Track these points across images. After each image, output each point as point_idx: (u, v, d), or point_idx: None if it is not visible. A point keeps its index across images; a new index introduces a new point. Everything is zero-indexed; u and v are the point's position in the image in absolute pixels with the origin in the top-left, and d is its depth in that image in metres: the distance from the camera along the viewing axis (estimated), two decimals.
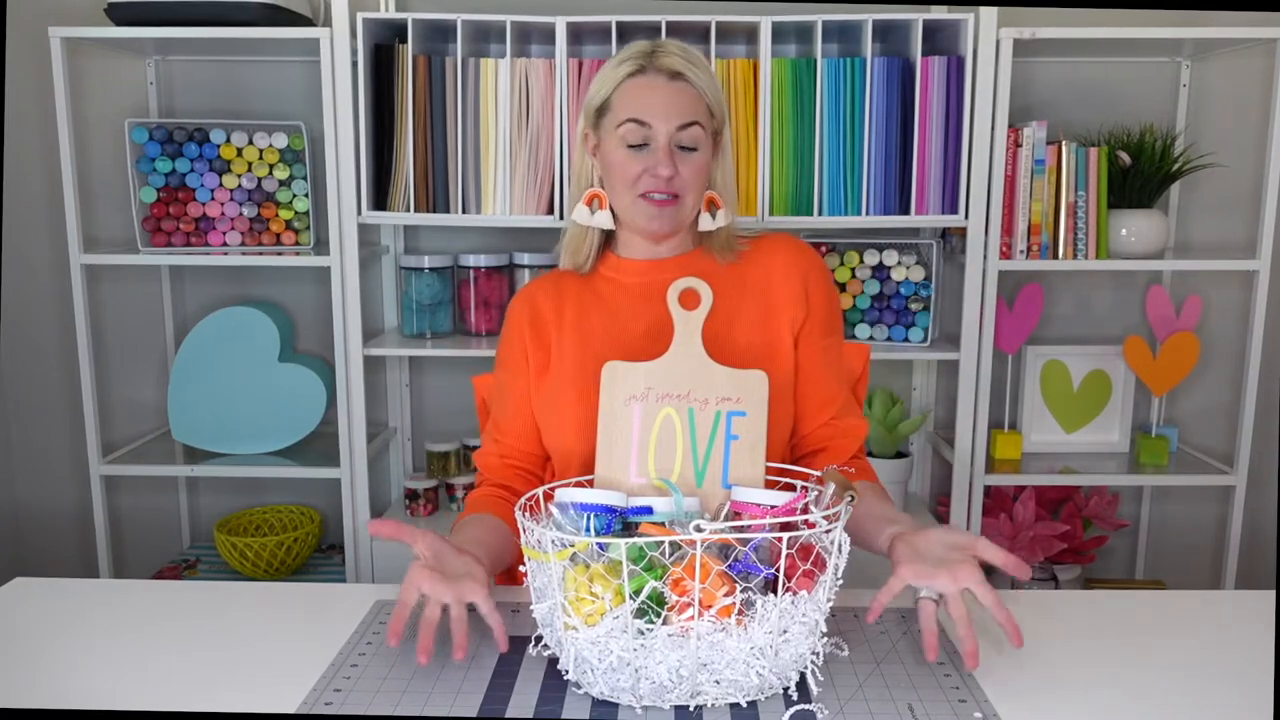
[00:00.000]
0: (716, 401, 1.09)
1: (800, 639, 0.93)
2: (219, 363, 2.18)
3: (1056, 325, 2.35)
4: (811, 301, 1.30)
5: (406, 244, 2.37)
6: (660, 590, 0.91)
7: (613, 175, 1.28)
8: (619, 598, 0.91)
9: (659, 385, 1.10)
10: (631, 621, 0.90)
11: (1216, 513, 2.39)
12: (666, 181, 1.24)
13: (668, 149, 1.24)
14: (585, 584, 0.92)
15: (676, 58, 1.25)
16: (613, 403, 1.11)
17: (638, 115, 1.24)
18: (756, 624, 0.91)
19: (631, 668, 0.91)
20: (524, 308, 1.35)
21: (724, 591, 0.91)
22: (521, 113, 2.00)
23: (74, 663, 1.05)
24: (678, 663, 0.90)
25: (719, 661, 0.91)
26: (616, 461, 1.10)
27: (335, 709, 0.95)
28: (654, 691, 0.92)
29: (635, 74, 1.25)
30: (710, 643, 0.90)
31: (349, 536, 2.13)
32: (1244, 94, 2.25)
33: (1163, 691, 0.99)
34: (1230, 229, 2.30)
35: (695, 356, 1.11)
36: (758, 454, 1.08)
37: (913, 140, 1.98)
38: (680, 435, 1.08)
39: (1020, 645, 0.99)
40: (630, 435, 1.10)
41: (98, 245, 2.27)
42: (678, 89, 1.24)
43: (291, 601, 1.23)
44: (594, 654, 0.92)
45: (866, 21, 1.94)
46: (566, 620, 0.93)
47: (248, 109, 2.30)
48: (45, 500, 2.48)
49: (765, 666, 0.92)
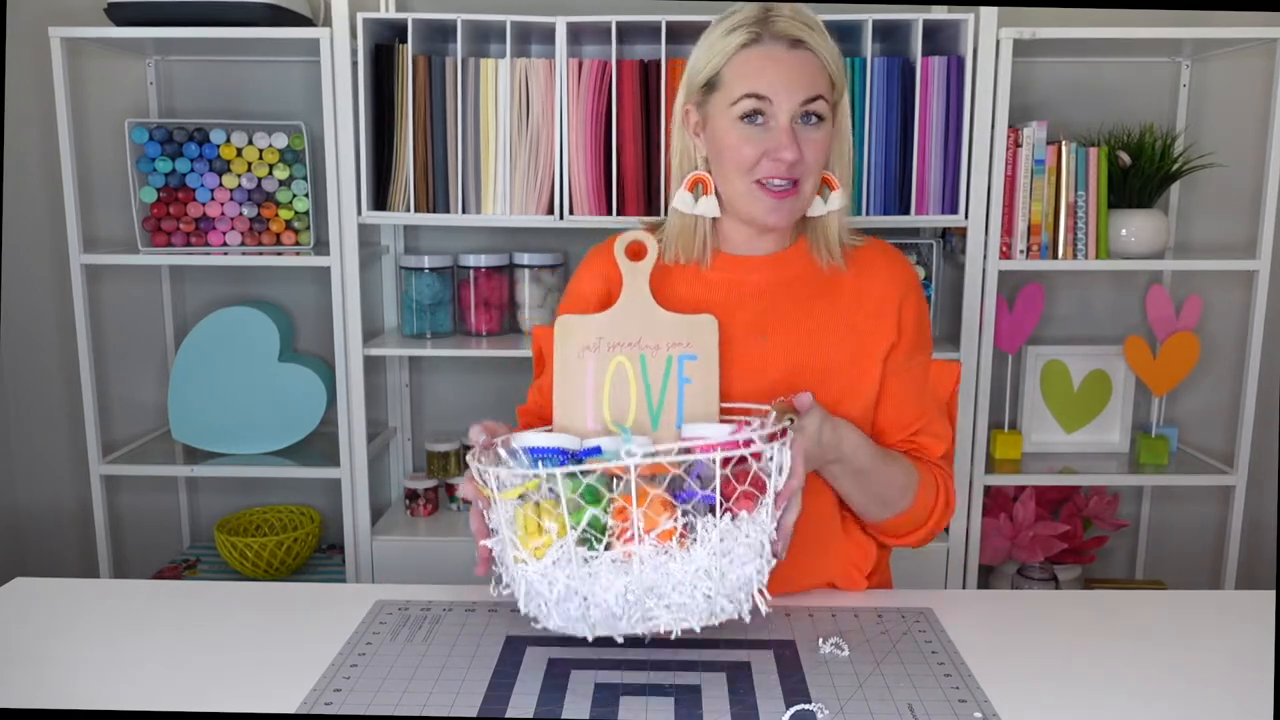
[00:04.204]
0: (667, 347, 1.10)
1: (746, 560, 0.95)
2: (219, 363, 2.18)
3: (1056, 325, 2.35)
4: (904, 324, 1.22)
5: (406, 244, 2.37)
6: (603, 519, 0.94)
7: (724, 159, 1.15)
8: (564, 530, 0.93)
9: (610, 335, 1.12)
10: (575, 550, 0.93)
11: (1216, 513, 2.39)
12: (789, 167, 1.12)
13: (790, 129, 1.12)
14: (534, 519, 0.95)
15: (794, 22, 1.12)
16: (566, 355, 1.12)
17: (757, 89, 1.11)
18: (699, 546, 0.93)
19: (580, 596, 0.93)
20: (609, 263, 1.21)
21: (665, 517, 0.93)
22: (521, 113, 2.00)
23: (74, 663, 1.05)
24: (624, 588, 0.93)
25: (665, 585, 0.93)
26: (574, 412, 1.11)
27: (335, 709, 0.95)
28: (605, 619, 0.95)
29: (750, 44, 1.12)
30: (654, 565, 0.92)
31: (349, 536, 2.13)
32: (1244, 94, 2.25)
33: (1162, 691, 0.99)
34: (1230, 229, 2.30)
35: (643, 305, 1.12)
36: (710, 396, 1.10)
37: (913, 140, 1.98)
38: (634, 382, 1.10)
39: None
40: (585, 385, 1.11)
41: (98, 245, 2.27)
42: (800, 58, 1.12)
43: (291, 601, 1.23)
44: (544, 585, 0.94)
45: (866, 22, 1.94)
46: (516, 554, 0.95)
47: (248, 109, 2.30)
48: (45, 500, 2.48)
49: (712, 588, 0.94)
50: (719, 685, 0.99)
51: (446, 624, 1.13)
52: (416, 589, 1.23)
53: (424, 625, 1.13)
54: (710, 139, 1.18)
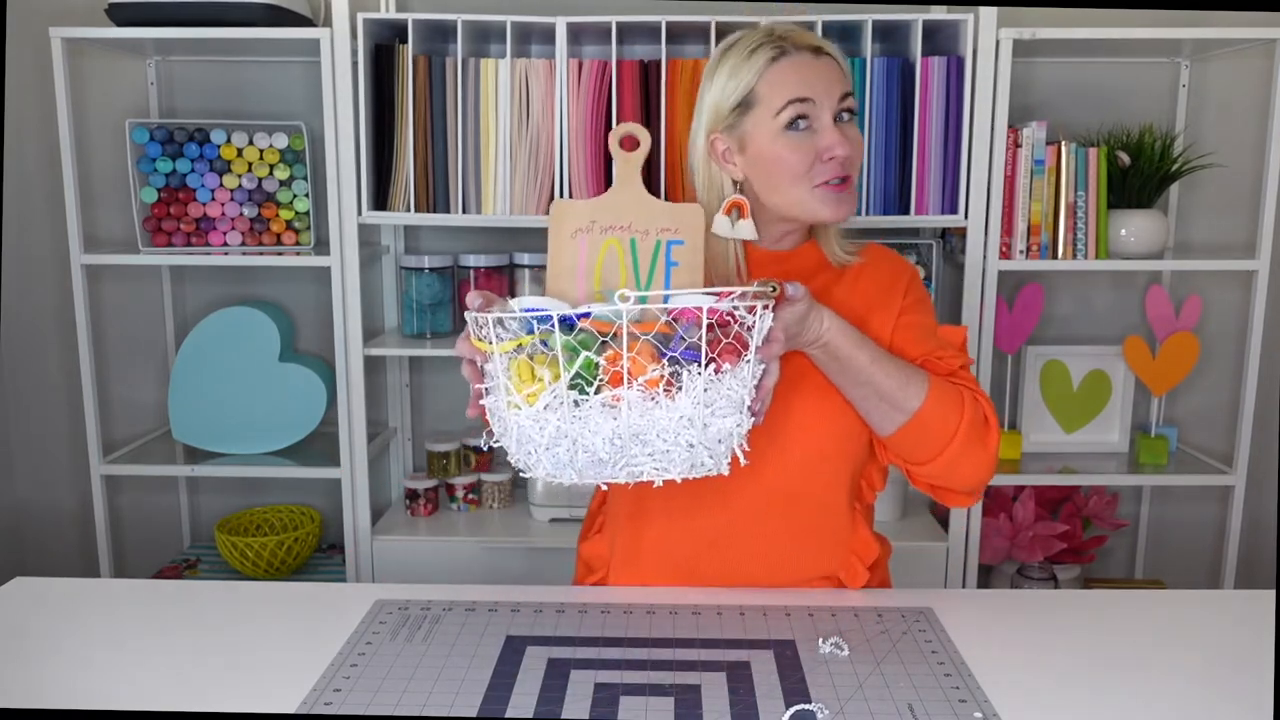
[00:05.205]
0: (657, 231, 1.14)
1: (726, 413, 1.00)
2: (219, 363, 2.18)
3: (1056, 325, 2.35)
4: (907, 300, 1.26)
5: (407, 244, 2.37)
6: (595, 363, 0.98)
7: (773, 172, 1.18)
8: (557, 376, 0.98)
9: (602, 219, 1.15)
10: (567, 393, 0.97)
11: (1216, 512, 2.39)
12: (842, 164, 1.17)
13: (835, 127, 1.17)
14: (528, 367, 0.99)
15: (809, 35, 1.19)
16: (560, 238, 1.15)
17: (800, 94, 1.15)
18: (684, 394, 0.98)
19: (569, 439, 0.97)
20: None
21: (653, 366, 0.98)
22: (521, 113, 2.00)
23: (74, 663, 1.05)
24: (612, 432, 0.97)
25: (650, 431, 0.97)
26: (566, 288, 1.15)
27: (335, 709, 0.95)
28: (591, 465, 0.99)
29: (778, 57, 1.17)
30: (641, 411, 0.97)
31: (349, 536, 2.14)
32: (1243, 94, 2.25)
33: (1162, 691, 0.99)
34: (1230, 229, 2.30)
35: (635, 192, 1.15)
36: (695, 279, 1.13)
37: (913, 140, 1.98)
38: (623, 262, 1.14)
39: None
40: (578, 264, 1.14)
41: (98, 245, 2.27)
42: (825, 64, 1.18)
43: (291, 601, 1.23)
44: (535, 429, 0.98)
45: (866, 22, 1.94)
46: (510, 399, 0.99)
47: (248, 109, 2.30)
48: (45, 500, 2.48)
49: (694, 437, 0.98)
50: (719, 685, 0.99)
51: (446, 624, 1.13)
52: (416, 589, 1.23)
53: (424, 625, 1.13)
54: (753, 158, 1.19)
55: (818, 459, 1.22)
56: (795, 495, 1.23)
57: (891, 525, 2.16)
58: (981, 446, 1.18)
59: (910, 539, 2.11)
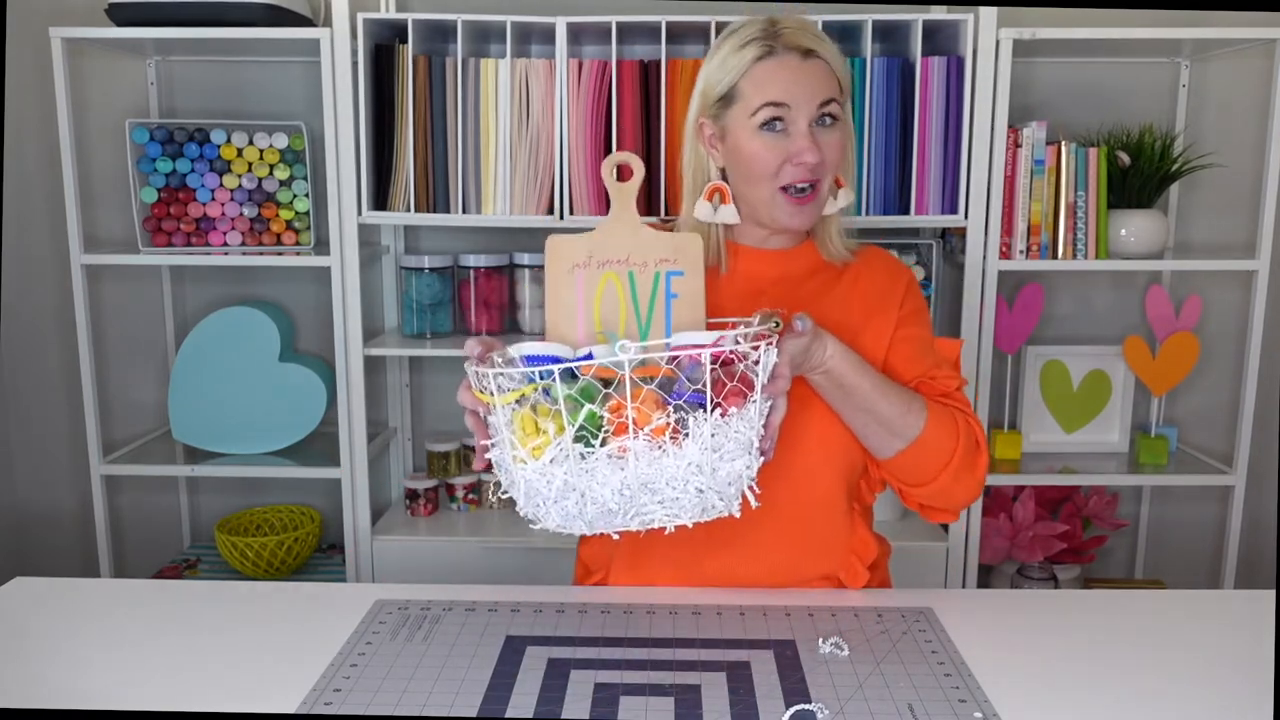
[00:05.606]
0: (655, 263, 1.13)
1: (735, 455, 0.98)
2: (219, 363, 2.18)
3: (1056, 325, 2.35)
4: (904, 310, 1.27)
5: (407, 244, 2.37)
6: (599, 414, 0.97)
7: (746, 167, 1.20)
8: (561, 429, 0.96)
9: (599, 253, 1.14)
10: (572, 446, 0.96)
11: (1216, 512, 2.39)
12: (811, 169, 1.17)
13: (809, 133, 1.17)
14: (531, 419, 0.98)
15: (803, 33, 1.18)
16: (557, 274, 1.14)
17: (776, 98, 1.16)
18: (691, 441, 0.96)
19: (577, 492, 0.96)
20: None
21: (658, 414, 0.97)
22: (521, 113, 2.00)
23: (74, 662, 1.05)
24: (620, 483, 0.96)
25: (659, 480, 0.96)
26: (565, 328, 1.14)
27: (335, 709, 0.95)
28: (601, 516, 0.98)
29: (764, 56, 1.17)
30: (648, 460, 0.96)
31: (349, 536, 2.13)
32: (1243, 94, 2.25)
33: (1162, 691, 0.99)
34: (1229, 229, 2.30)
35: (631, 224, 1.15)
36: (697, 310, 1.13)
37: (913, 140, 1.98)
38: (623, 297, 1.13)
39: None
40: (575, 301, 1.13)
41: (98, 245, 2.27)
42: (812, 66, 1.17)
43: (291, 601, 1.23)
44: (542, 483, 0.97)
45: (866, 22, 1.94)
46: (515, 454, 0.98)
47: (248, 109, 2.30)
48: (45, 500, 2.48)
49: (703, 483, 0.97)
50: (719, 685, 0.99)
51: (446, 624, 1.13)
52: (416, 589, 1.23)
53: (424, 625, 1.13)
54: (730, 149, 1.22)
55: (818, 461, 1.23)
56: (795, 496, 1.23)
57: (891, 525, 2.16)
58: (972, 472, 1.21)
59: (910, 539, 2.11)
